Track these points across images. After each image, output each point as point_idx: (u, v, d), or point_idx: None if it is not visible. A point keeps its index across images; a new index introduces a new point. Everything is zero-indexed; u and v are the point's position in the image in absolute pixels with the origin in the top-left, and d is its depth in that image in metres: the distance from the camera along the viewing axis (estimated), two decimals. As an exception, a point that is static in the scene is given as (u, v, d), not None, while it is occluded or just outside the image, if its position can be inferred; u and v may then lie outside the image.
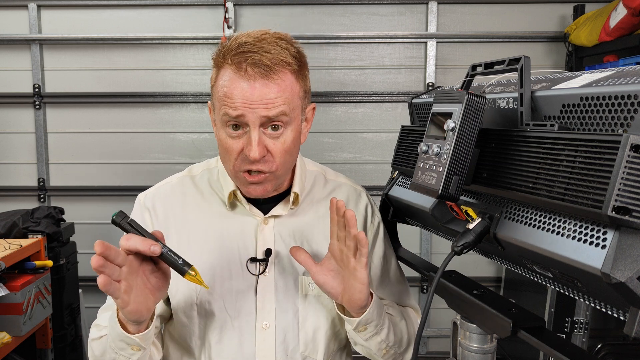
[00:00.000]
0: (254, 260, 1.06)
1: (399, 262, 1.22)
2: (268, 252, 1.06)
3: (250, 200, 1.08)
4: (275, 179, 1.01)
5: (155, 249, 0.84)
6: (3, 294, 2.07)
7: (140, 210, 1.10)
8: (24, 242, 2.34)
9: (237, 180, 1.02)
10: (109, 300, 1.09)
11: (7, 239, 2.37)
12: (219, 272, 1.05)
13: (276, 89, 0.94)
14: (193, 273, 0.87)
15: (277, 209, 1.09)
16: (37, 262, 2.36)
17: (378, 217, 1.20)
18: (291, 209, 1.10)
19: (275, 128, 0.96)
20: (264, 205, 1.09)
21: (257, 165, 0.96)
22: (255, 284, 1.06)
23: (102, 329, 1.01)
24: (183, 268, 0.87)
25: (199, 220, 1.09)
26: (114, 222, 0.87)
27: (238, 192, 1.07)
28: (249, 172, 0.98)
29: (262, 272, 1.06)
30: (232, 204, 1.08)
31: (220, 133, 0.98)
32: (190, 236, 1.07)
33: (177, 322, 1.08)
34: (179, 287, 1.05)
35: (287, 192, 1.11)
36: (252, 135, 0.94)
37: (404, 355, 1.11)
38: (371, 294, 0.99)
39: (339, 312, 1.01)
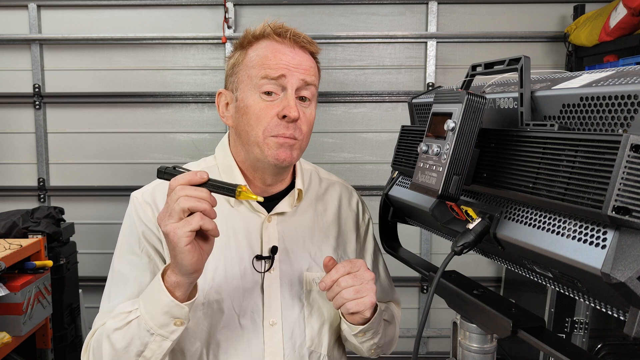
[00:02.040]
0: (259, 257, 1.06)
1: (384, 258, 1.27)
2: (274, 249, 1.07)
3: None
4: (299, 149, 1.04)
5: (202, 174, 0.84)
6: (3, 294, 2.07)
7: (142, 206, 1.06)
8: (24, 242, 2.34)
9: (265, 147, 1.00)
10: (107, 304, 1.06)
11: (7, 239, 2.37)
12: (225, 272, 1.05)
13: (310, 60, 1.04)
14: (244, 189, 0.86)
15: (282, 206, 1.10)
16: (37, 262, 2.36)
17: (368, 214, 1.25)
18: (295, 205, 1.11)
19: (303, 99, 1.03)
20: (267, 203, 1.09)
21: (290, 129, 0.99)
22: (261, 282, 1.06)
23: (129, 314, 0.94)
24: (233, 189, 0.85)
25: None
26: (160, 172, 0.90)
27: (247, 189, 1.07)
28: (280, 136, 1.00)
29: (267, 270, 1.06)
30: (237, 201, 1.08)
31: (250, 99, 1.01)
32: None
33: None
34: None
35: (287, 190, 1.11)
36: (290, 96, 0.99)
37: (387, 351, 1.18)
38: (375, 306, 1.02)
39: (342, 317, 1.04)
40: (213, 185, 0.85)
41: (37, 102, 3.13)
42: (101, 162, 3.20)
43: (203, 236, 0.86)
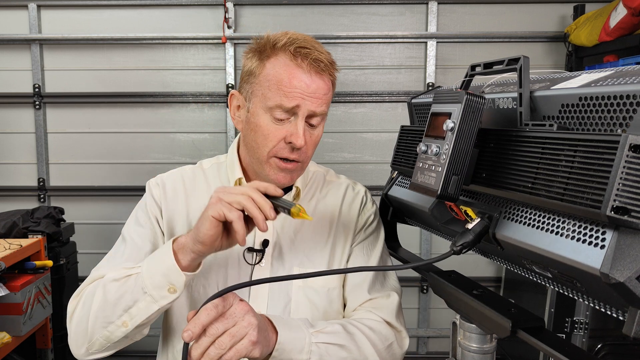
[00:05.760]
0: (250, 250, 1.09)
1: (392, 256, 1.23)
2: (265, 242, 1.09)
3: None
4: (301, 170, 1.07)
5: (278, 190, 0.90)
6: (3, 294, 2.07)
7: (153, 186, 1.15)
8: (24, 242, 2.34)
9: (267, 167, 1.04)
10: (106, 261, 1.09)
11: (7, 239, 2.37)
12: (215, 260, 1.08)
13: (326, 86, 1.02)
14: (301, 209, 0.88)
15: None
16: (37, 262, 2.36)
17: (369, 210, 1.20)
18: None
19: (312, 125, 1.03)
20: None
21: (295, 153, 1.01)
22: (250, 273, 1.08)
23: (131, 269, 0.97)
24: (289, 207, 0.88)
25: (201, 209, 1.09)
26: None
27: (243, 180, 1.10)
28: (284, 159, 1.02)
29: (257, 262, 1.08)
30: None
31: (261, 118, 1.01)
32: (192, 223, 1.10)
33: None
34: None
35: (288, 187, 1.13)
36: (299, 124, 0.99)
37: None
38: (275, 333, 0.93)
39: None
40: (277, 199, 0.90)
41: (37, 102, 3.13)
42: (101, 162, 3.20)
43: (229, 232, 0.90)
